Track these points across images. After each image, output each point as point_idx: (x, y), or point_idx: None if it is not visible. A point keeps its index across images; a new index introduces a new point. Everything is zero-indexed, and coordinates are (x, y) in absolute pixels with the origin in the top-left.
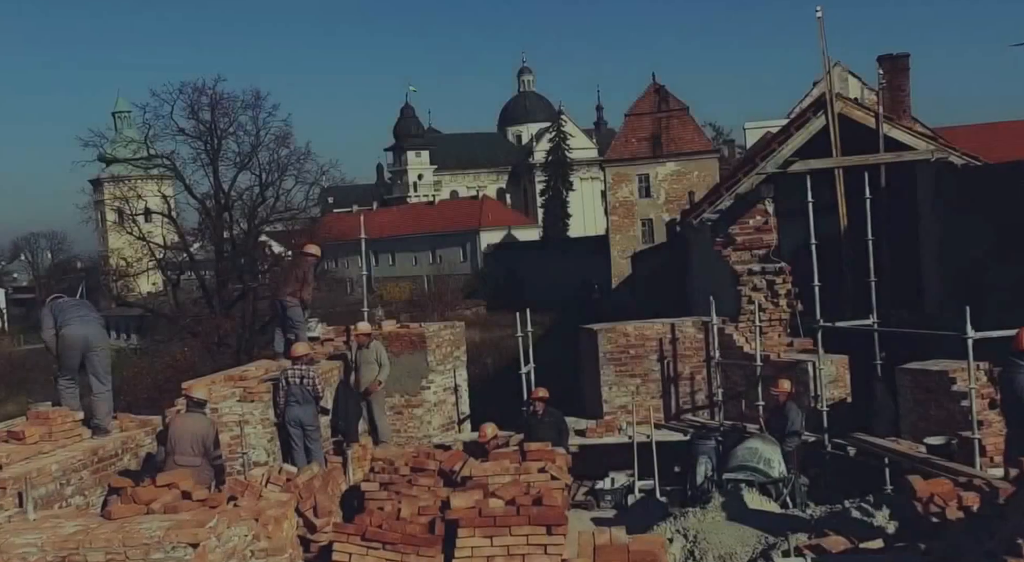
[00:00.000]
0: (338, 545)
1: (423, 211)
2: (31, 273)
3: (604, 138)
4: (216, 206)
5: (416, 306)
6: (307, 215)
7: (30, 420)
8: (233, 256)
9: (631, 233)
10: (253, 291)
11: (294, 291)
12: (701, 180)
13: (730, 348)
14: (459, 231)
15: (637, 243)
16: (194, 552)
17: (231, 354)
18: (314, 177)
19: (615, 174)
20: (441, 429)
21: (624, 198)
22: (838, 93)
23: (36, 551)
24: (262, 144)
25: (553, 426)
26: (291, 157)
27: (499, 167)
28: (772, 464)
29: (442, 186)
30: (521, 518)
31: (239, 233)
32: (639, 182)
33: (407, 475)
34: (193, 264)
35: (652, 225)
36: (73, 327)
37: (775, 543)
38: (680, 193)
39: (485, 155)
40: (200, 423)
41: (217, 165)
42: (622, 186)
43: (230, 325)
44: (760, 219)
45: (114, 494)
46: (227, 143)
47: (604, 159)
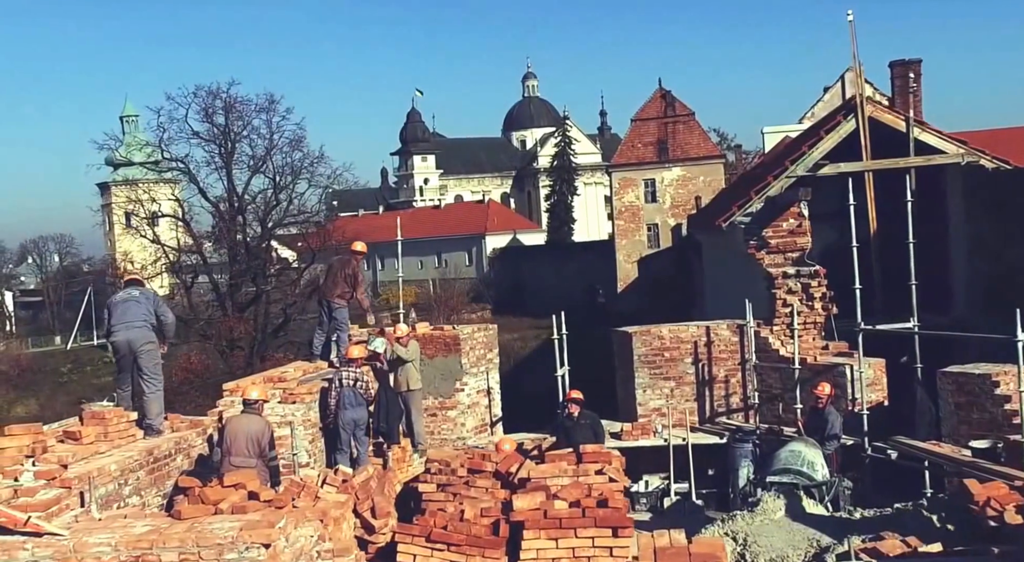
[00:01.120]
0: (402, 546)
1: (429, 215)
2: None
3: (608, 143)
4: (229, 209)
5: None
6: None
7: (86, 420)
8: (246, 259)
9: (637, 238)
10: (266, 294)
11: (343, 293)
12: (707, 185)
13: (765, 351)
14: (465, 235)
15: (643, 248)
16: (267, 552)
17: (244, 357)
18: (327, 181)
19: (621, 179)
20: (475, 431)
21: (630, 203)
22: (868, 97)
23: (109, 550)
24: (276, 147)
25: (589, 428)
26: (305, 160)
27: (503, 172)
28: (815, 467)
29: (447, 190)
30: (587, 520)
31: (252, 236)
32: (645, 187)
33: (464, 476)
34: (206, 267)
35: (658, 230)
36: (117, 334)
37: (828, 546)
38: (686, 198)
39: (489, 160)
40: (256, 424)
41: (231, 168)
42: (628, 191)
43: (243, 328)
44: (794, 222)
45: (180, 494)
46: (241, 146)
47: (610, 164)
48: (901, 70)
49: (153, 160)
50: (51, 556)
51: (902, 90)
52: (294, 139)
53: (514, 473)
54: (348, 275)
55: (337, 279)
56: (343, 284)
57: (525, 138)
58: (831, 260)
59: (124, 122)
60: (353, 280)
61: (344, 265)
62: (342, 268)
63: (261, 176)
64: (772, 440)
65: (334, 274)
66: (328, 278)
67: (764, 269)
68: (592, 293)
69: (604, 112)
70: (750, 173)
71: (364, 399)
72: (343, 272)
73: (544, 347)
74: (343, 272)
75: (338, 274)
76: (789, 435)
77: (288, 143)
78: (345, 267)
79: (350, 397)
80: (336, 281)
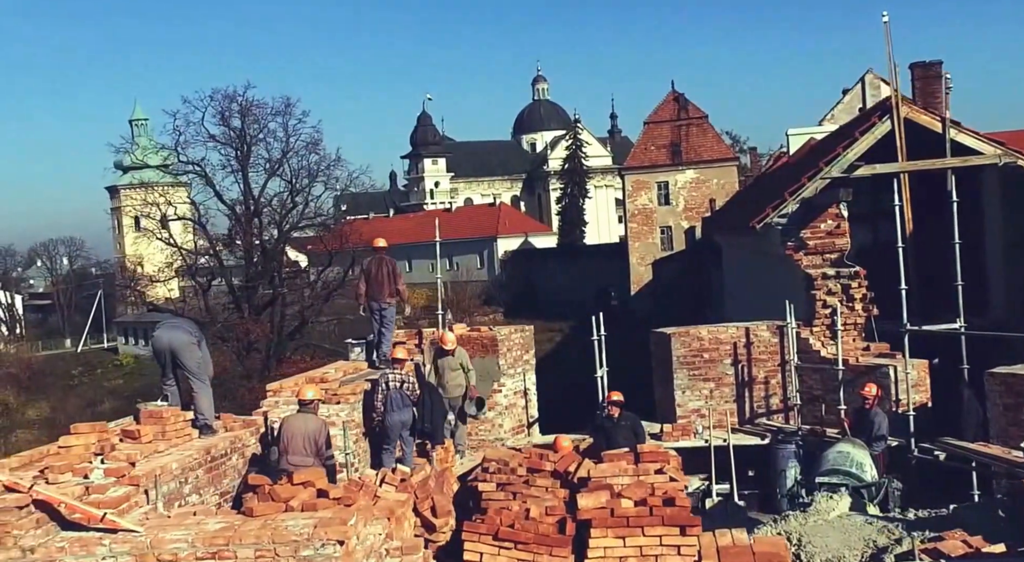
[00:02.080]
0: (469, 544)
1: (440, 218)
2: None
3: (618, 146)
4: (246, 212)
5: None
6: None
7: (143, 419)
8: (263, 261)
9: (650, 240)
10: (282, 297)
11: (391, 291)
12: (721, 188)
13: (805, 352)
14: (476, 238)
15: (656, 250)
16: (341, 549)
17: (260, 359)
18: (344, 183)
19: (634, 181)
20: (512, 432)
21: (643, 205)
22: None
23: (186, 547)
24: (292, 150)
25: (630, 429)
26: (321, 163)
27: (513, 175)
28: (864, 468)
29: (458, 193)
30: (654, 519)
31: (268, 239)
32: (658, 189)
33: (524, 476)
34: (223, 270)
35: (671, 232)
36: (157, 333)
37: (885, 547)
38: (700, 201)
39: (500, 163)
40: (312, 423)
41: (247, 171)
42: (641, 194)
43: (259, 330)
44: (832, 223)
45: (249, 491)
46: (257, 149)
47: (623, 167)
48: (921, 72)
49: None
50: (128, 552)
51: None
52: (310, 142)
53: (573, 472)
54: (389, 273)
55: (382, 279)
56: (388, 283)
57: (535, 141)
58: (864, 261)
59: (134, 126)
60: (394, 276)
61: (381, 264)
62: (380, 268)
63: (277, 179)
64: (814, 441)
65: (376, 275)
66: (372, 281)
67: (802, 270)
68: (605, 296)
69: (614, 115)
70: (773, 174)
71: (411, 401)
72: (383, 271)
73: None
74: (383, 271)
75: (380, 274)
76: (832, 436)
77: (304, 146)
78: (383, 266)
79: (397, 399)
80: (382, 282)
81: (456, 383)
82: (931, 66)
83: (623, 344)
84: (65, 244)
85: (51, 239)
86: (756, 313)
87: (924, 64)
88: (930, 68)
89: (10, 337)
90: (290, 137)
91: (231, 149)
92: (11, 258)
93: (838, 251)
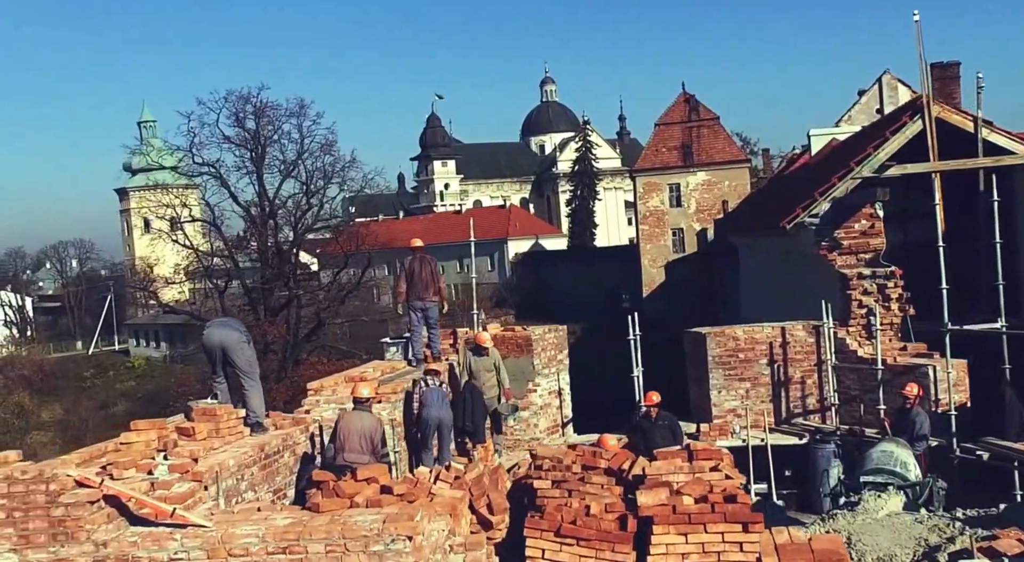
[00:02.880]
0: (531, 541)
1: (450, 220)
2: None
3: (627, 148)
4: (261, 213)
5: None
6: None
7: (197, 417)
8: (278, 263)
9: (662, 242)
10: (297, 298)
11: (435, 290)
12: (733, 190)
13: (842, 352)
14: (487, 240)
15: (668, 252)
16: (411, 544)
17: (277, 361)
18: (359, 185)
19: (645, 183)
20: (547, 432)
21: (654, 207)
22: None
23: (257, 542)
24: (307, 151)
25: (668, 429)
26: (336, 165)
27: (522, 177)
28: (908, 467)
29: (467, 195)
30: (716, 515)
31: (284, 240)
32: (670, 191)
33: (579, 473)
34: (238, 271)
35: (683, 234)
36: (208, 331)
37: (938, 545)
38: (711, 202)
39: (508, 165)
40: (368, 420)
41: (262, 172)
42: (652, 195)
43: (276, 332)
44: (866, 223)
45: (314, 487)
46: (271, 151)
47: (634, 168)
48: (939, 72)
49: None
50: (199, 546)
51: (940, 92)
52: (325, 143)
53: (627, 470)
54: (431, 272)
55: (426, 278)
56: (432, 282)
57: (544, 143)
58: (893, 262)
59: (142, 128)
60: (435, 276)
61: (424, 263)
62: (423, 267)
63: (292, 180)
64: (853, 441)
65: (420, 274)
66: (416, 280)
67: (836, 270)
68: (616, 298)
69: (623, 117)
70: (792, 175)
71: (448, 400)
72: (426, 270)
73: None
74: (426, 270)
75: (424, 273)
76: (871, 436)
77: (319, 147)
78: (425, 265)
79: (436, 397)
80: (426, 282)
81: (491, 384)
82: (948, 67)
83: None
84: (75, 246)
85: (61, 241)
86: (776, 314)
87: (942, 65)
88: (947, 69)
89: (21, 339)
90: (305, 138)
91: (246, 150)
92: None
93: (872, 251)
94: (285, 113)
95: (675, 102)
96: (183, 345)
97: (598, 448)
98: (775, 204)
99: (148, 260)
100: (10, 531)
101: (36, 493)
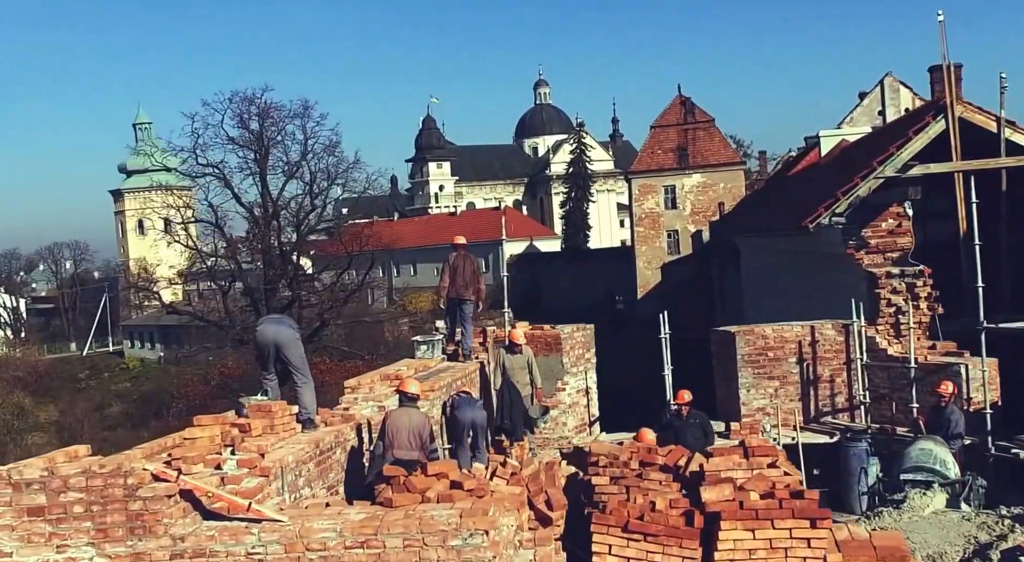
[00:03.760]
0: (597, 537)
1: (445, 221)
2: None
3: (620, 150)
4: (264, 214)
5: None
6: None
7: (252, 413)
8: (281, 264)
9: (657, 244)
10: (300, 299)
11: (475, 289)
12: (728, 192)
13: (871, 351)
14: (481, 242)
15: (663, 254)
16: (488, 539)
17: None
18: (363, 186)
19: (641, 185)
20: (575, 431)
21: (650, 209)
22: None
23: (335, 536)
24: (311, 152)
25: (699, 428)
26: (340, 166)
27: (516, 179)
28: (947, 465)
29: (462, 197)
30: (784, 511)
31: (287, 241)
32: (665, 193)
33: (636, 469)
34: (240, 272)
35: (678, 236)
36: (262, 328)
37: (988, 543)
38: (706, 204)
39: (502, 167)
40: (416, 416)
41: (266, 173)
42: (648, 197)
43: None
44: (893, 222)
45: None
46: (275, 152)
47: (630, 171)
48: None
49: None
50: (277, 541)
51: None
52: (329, 144)
53: (683, 466)
54: (473, 270)
55: (465, 276)
56: (473, 280)
57: (537, 145)
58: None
59: (137, 129)
60: (476, 274)
61: (466, 261)
62: (466, 264)
63: (296, 181)
64: (883, 440)
65: (460, 272)
66: (456, 278)
67: (864, 269)
68: (611, 300)
69: (616, 119)
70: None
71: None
72: (468, 267)
73: None
74: (468, 267)
75: (466, 270)
76: (902, 434)
77: (323, 148)
78: (467, 262)
79: (467, 400)
80: (466, 278)
81: (524, 382)
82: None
83: (631, 346)
84: (70, 247)
85: (55, 242)
86: (783, 314)
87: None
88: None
89: (15, 340)
90: (308, 140)
91: (249, 151)
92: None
93: (900, 250)
94: (289, 114)
95: (671, 104)
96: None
97: (651, 445)
98: (780, 205)
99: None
100: (88, 525)
101: (114, 487)
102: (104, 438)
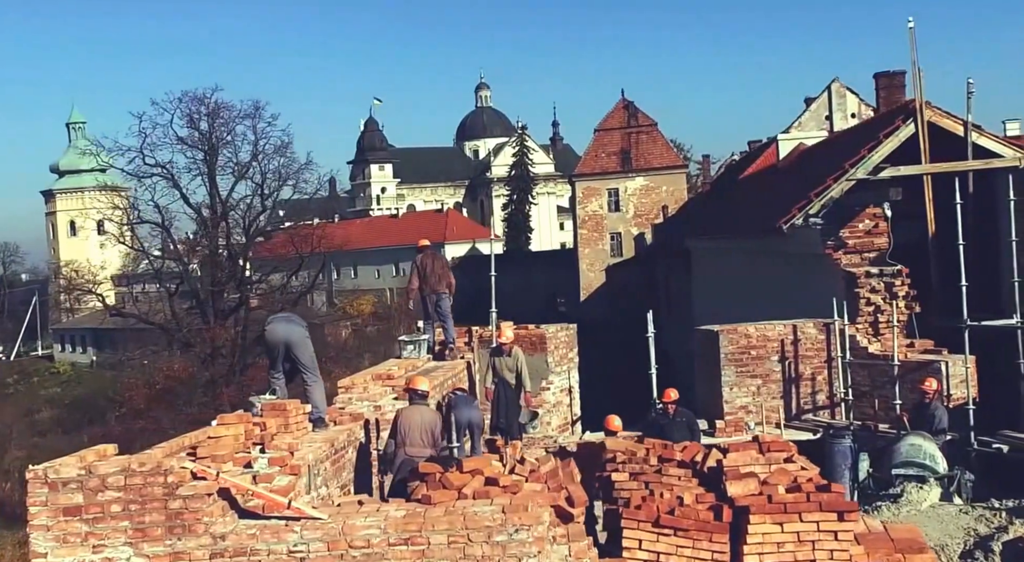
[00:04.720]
0: (628, 531)
1: (387, 224)
2: None
3: (560, 154)
4: (212, 215)
5: (381, 319)
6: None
7: (266, 412)
8: (229, 266)
9: (600, 246)
10: (247, 301)
11: (448, 283)
12: (671, 195)
13: (852, 349)
14: None
15: (606, 257)
16: (533, 534)
17: (227, 365)
18: (314, 187)
19: (584, 188)
20: (559, 430)
21: (593, 212)
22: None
23: (379, 534)
24: (261, 153)
25: (686, 426)
26: (291, 167)
27: (456, 181)
28: (936, 460)
29: (403, 199)
30: (812, 504)
31: (235, 243)
32: (609, 196)
33: (655, 465)
34: (188, 274)
35: (621, 239)
36: (271, 327)
37: (988, 535)
38: (649, 207)
39: (443, 169)
40: (428, 414)
41: (214, 174)
42: (591, 200)
43: (225, 335)
44: (870, 223)
45: (416, 479)
46: (225, 152)
47: (574, 174)
48: (886, 81)
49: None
50: (320, 538)
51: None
52: (280, 145)
53: (700, 462)
54: (443, 265)
55: (436, 271)
56: (444, 274)
57: (478, 148)
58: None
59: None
60: (446, 269)
61: (434, 259)
62: (434, 261)
63: (247, 182)
64: (866, 436)
65: (431, 268)
66: (428, 274)
67: (843, 269)
68: (553, 302)
69: (556, 122)
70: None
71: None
72: (437, 264)
73: None
74: (437, 264)
75: (435, 267)
76: (885, 431)
77: (274, 149)
78: (436, 260)
79: (464, 397)
80: (438, 274)
81: (513, 386)
82: (895, 76)
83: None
84: None
85: None
86: (737, 315)
87: (888, 74)
88: (894, 78)
89: None
90: (259, 140)
91: (199, 151)
92: None
93: (876, 250)
94: (239, 115)
95: (614, 108)
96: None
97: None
98: (736, 207)
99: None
100: (125, 524)
101: (153, 485)
102: (34, 444)
